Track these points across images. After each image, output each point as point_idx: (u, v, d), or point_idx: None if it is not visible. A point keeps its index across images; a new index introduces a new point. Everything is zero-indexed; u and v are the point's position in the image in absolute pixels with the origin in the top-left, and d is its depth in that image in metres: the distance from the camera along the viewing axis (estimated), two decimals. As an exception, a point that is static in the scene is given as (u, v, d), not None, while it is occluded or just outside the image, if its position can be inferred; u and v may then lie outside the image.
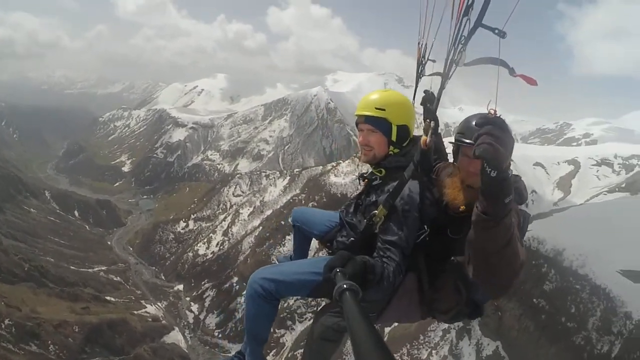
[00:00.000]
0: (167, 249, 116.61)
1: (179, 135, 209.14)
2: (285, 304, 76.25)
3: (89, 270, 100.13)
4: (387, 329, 67.40)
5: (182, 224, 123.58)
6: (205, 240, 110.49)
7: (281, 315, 76.13)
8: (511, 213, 2.22)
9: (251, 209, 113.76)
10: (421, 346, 60.06)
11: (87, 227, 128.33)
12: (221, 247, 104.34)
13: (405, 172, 3.23)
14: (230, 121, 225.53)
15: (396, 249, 3.08)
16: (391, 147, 3.45)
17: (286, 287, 3.31)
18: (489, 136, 2.06)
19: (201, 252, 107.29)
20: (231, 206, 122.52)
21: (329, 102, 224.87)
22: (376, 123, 3.40)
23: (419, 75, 3.76)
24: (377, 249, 3.16)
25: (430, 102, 3.54)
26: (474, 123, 3.01)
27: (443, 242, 3.15)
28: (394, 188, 3.20)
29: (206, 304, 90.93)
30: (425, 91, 3.73)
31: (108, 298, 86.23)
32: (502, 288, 2.56)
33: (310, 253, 4.91)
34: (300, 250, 4.78)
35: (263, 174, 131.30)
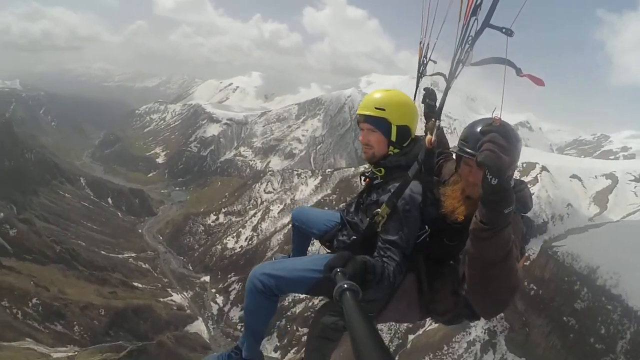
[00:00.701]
0: (197, 240, 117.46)
1: (213, 130, 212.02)
2: (310, 303, 76.16)
3: (119, 256, 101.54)
4: (410, 337, 66.19)
5: (213, 217, 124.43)
6: (234, 234, 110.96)
7: (305, 315, 76.30)
8: (510, 226, 2.17)
9: (281, 206, 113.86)
10: (444, 357, 60.68)
11: (119, 214, 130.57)
12: (250, 242, 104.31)
13: (409, 172, 3.21)
14: (264, 119, 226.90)
15: (397, 248, 3.05)
16: (391, 147, 3.40)
17: (286, 284, 3.23)
18: (492, 144, 2.02)
19: (230, 245, 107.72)
20: (262, 202, 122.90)
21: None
22: (376, 123, 3.36)
23: (420, 75, 3.81)
24: (377, 249, 3.12)
25: (431, 99, 3.67)
26: (477, 130, 2.91)
27: (441, 246, 3.13)
28: (397, 187, 3.17)
29: (231, 297, 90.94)
30: (425, 88, 3.75)
31: (135, 284, 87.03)
32: (495, 307, 2.47)
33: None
34: (300, 250, 4.76)
35: (295, 172, 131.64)
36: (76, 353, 52.92)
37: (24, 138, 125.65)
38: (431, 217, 3.20)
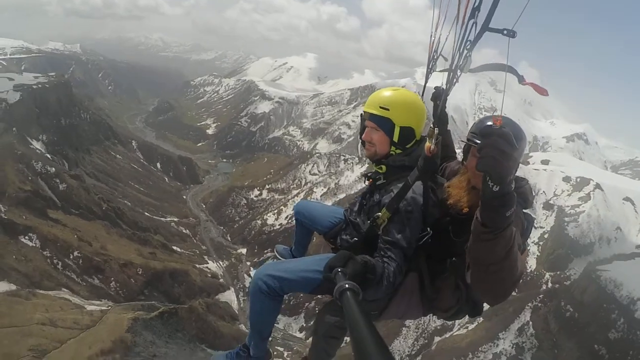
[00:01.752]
0: (238, 212, 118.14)
1: (264, 107, 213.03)
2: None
3: (162, 219, 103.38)
4: (436, 339, 64.54)
5: (256, 192, 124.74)
6: (275, 211, 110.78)
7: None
8: (512, 226, 2.17)
9: (325, 190, 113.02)
10: (470, 364, 60.33)
11: (166, 179, 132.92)
12: (290, 221, 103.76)
13: (409, 177, 3.18)
14: (316, 101, 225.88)
15: (397, 249, 3.05)
16: (392, 148, 3.38)
17: (290, 285, 3.28)
18: (493, 149, 1.95)
19: (270, 221, 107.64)
20: (306, 183, 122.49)
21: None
22: (379, 122, 3.33)
23: (430, 70, 3.54)
24: (378, 249, 3.13)
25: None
26: (488, 124, 2.95)
27: (445, 243, 3.13)
28: (398, 192, 3.17)
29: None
30: (435, 87, 3.55)
31: (174, 248, 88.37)
32: (499, 297, 2.50)
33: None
34: (301, 244, 4.74)
35: (342, 157, 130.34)
36: (109, 308, 54.58)
37: (81, 99, 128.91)
38: (433, 218, 3.20)
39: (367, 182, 3.62)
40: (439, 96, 3.36)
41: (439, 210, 3.19)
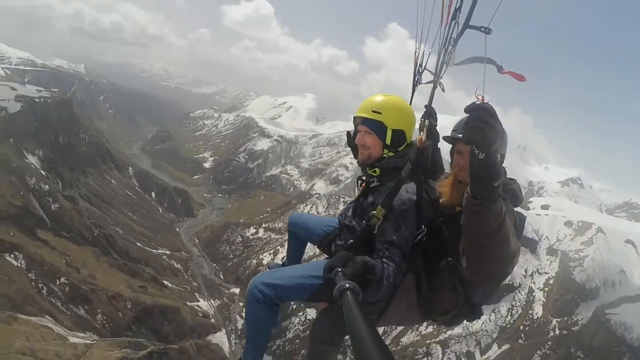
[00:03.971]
0: (232, 250, 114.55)
1: (263, 144, 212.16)
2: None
3: (153, 250, 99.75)
4: None
5: (252, 230, 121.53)
6: (272, 251, 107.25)
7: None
8: (501, 200, 2.28)
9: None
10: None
11: (160, 209, 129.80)
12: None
13: (402, 172, 3.32)
14: (314, 141, 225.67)
15: (395, 249, 3.09)
16: (385, 150, 3.48)
17: (286, 292, 3.32)
18: (477, 120, 2.11)
19: (265, 261, 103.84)
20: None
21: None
22: (372, 125, 3.43)
23: (415, 83, 3.86)
24: (376, 250, 3.16)
25: (432, 118, 3.73)
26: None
27: (439, 241, 3.18)
28: (391, 188, 3.27)
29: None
30: (425, 106, 3.72)
31: (165, 282, 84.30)
32: (492, 276, 2.57)
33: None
34: (295, 257, 4.70)
35: (342, 199, 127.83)
36: (94, 342, 51.11)
37: (82, 119, 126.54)
38: (427, 217, 3.23)
39: (361, 186, 3.66)
40: (430, 115, 3.65)
41: (433, 210, 3.23)
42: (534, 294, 78.98)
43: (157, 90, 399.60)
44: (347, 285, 2.06)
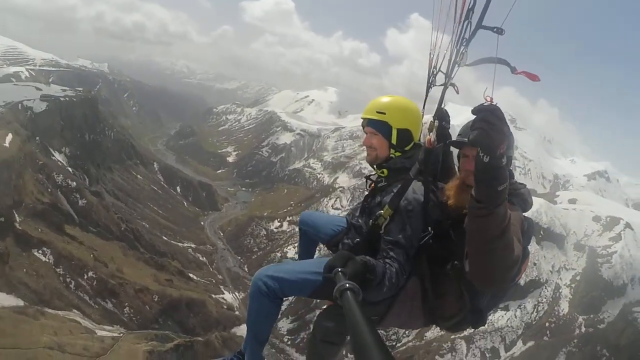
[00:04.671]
0: (257, 243, 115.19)
1: (285, 138, 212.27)
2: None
3: (179, 244, 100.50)
4: None
5: (277, 223, 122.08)
6: (296, 244, 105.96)
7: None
8: (505, 203, 2.24)
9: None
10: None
11: (185, 203, 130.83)
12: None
13: (410, 172, 3.31)
14: (337, 134, 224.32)
15: (399, 249, 3.08)
16: (392, 150, 3.49)
17: (290, 286, 3.27)
18: (484, 122, 2.08)
19: (290, 254, 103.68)
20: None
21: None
22: (377, 126, 3.46)
23: (429, 85, 3.84)
24: (380, 250, 3.16)
25: (445, 121, 3.80)
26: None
27: (446, 245, 3.12)
28: (399, 188, 3.25)
29: (282, 307, 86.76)
30: (438, 109, 3.60)
31: (191, 275, 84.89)
32: (493, 281, 2.49)
33: None
34: (306, 255, 4.69)
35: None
36: (121, 335, 51.72)
37: (106, 116, 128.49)
38: (434, 219, 3.19)
39: (370, 186, 3.68)
40: (443, 118, 3.68)
41: (440, 212, 3.19)
42: (560, 291, 77.90)
43: (180, 87, 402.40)
44: (347, 285, 2.05)
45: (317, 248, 4.77)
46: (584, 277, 77.26)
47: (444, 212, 3.18)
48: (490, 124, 2.03)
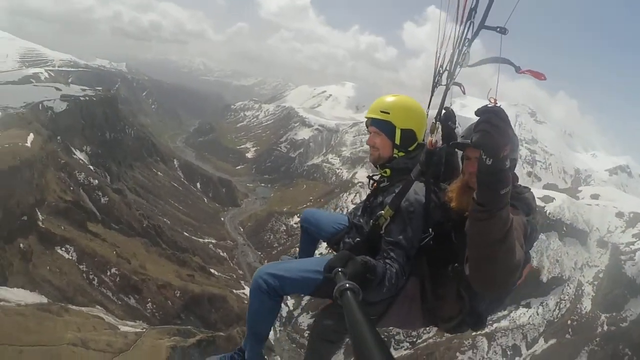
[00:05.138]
0: (277, 238, 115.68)
1: (304, 134, 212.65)
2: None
3: (200, 240, 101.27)
4: None
5: (296, 219, 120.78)
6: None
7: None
8: (508, 208, 2.20)
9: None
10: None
11: (205, 200, 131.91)
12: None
13: (412, 173, 3.33)
14: (355, 129, 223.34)
15: (400, 250, 3.10)
16: (395, 150, 3.50)
17: (290, 284, 3.29)
18: (487, 124, 2.04)
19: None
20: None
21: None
22: (380, 125, 3.46)
23: (435, 84, 3.78)
24: (381, 251, 3.18)
25: (451, 121, 3.85)
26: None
27: (447, 247, 3.13)
28: (400, 188, 3.28)
29: (303, 302, 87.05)
30: (445, 108, 3.78)
31: (212, 271, 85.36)
32: (493, 285, 2.45)
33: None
34: (306, 252, 4.71)
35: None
36: (144, 330, 51.50)
37: (126, 115, 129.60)
38: (435, 220, 3.21)
39: (372, 186, 3.69)
40: (450, 119, 3.78)
41: (441, 213, 3.19)
42: (583, 288, 76.34)
43: (197, 85, 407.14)
44: (347, 285, 2.07)
45: (318, 247, 4.81)
46: (607, 275, 76.04)
47: (445, 214, 3.17)
48: (493, 125, 2.00)
